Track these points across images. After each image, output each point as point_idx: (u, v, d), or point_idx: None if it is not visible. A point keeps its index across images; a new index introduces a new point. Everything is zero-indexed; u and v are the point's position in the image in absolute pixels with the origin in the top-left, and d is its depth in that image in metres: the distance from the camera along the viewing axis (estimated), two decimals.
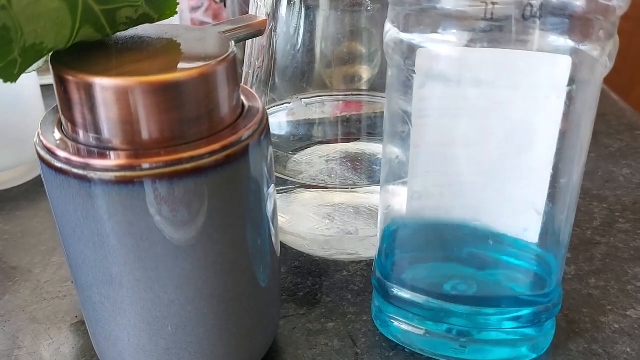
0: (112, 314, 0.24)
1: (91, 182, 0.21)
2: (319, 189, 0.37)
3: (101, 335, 0.26)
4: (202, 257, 0.23)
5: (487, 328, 0.28)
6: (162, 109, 0.21)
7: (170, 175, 0.21)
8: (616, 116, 0.57)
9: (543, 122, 0.26)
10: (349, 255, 0.37)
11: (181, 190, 0.21)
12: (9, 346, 0.30)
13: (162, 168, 0.21)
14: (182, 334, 0.24)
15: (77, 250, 0.23)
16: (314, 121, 0.39)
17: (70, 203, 0.22)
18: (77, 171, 0.21)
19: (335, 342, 0.31)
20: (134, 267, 0.23)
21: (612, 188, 0.45)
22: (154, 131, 0.21)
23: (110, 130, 0.21)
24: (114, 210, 0.22)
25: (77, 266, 0.24)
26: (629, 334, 0.31)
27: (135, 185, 0.21)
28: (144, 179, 0.21)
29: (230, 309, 0.25)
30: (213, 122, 0.22)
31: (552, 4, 0.23)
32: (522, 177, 0.27)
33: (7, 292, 0.34)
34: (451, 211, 0.29)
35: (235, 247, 0.24)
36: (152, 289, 0.23)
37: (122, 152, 0.21)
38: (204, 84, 0.22)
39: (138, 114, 0.21)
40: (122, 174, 0.21)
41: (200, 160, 0.21)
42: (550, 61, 0.24)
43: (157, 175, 0.21)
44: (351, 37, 0.38)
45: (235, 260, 0.24)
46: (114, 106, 0.21)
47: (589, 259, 0.37)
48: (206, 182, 0.22)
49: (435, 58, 0.25)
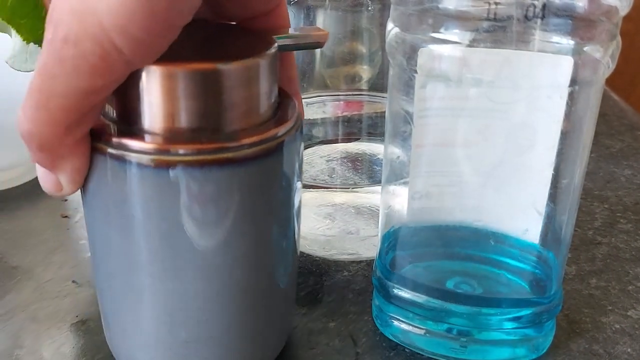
0: (134, 304, 0.24)
1: (127, 163, 0.21)
2: (320, 188, 0.37)
3: (118, 327, 0.26)
4: (231, 250, 0.23)
5: (487, 328, 0.28)
6: (201, 96, 0.21)
7: (205, 162, 0.21)
8: (617, 116, 0.57)
9: (544, 123, 0.26)
10: (350, 255, 0.36)
11: (215, 179, 0.22)
12: (9, 345, 0.30)
13: (198, 155, 0.21)
14: (203, 328, 0.24)
15: (104, 235, 0.24)
16: (315, 121, 0.39)
17: (103, 185, 0.22)
18: (114, 151, 0.22)
19: (336, 342, 0.31)
20: (163, 256, 0.23)
21: (614, 188, 0.45)
22: (192, 118, 0.22)
23: (151, 114, 0.22)
24: (147, 194, 0.22)
25: (102, 253, 0.24)
26: (629, 334, 0.31)
27: (170, 170, 0.21)
28: (178, 165, 0.21)
29: (253, 305, 0.25)
30: (251, 115, 0.23)
31: (555, 5, 0.23)
32: (524, 177, 0.27)
33: (8, 292, 0.34)
34: (452, 211, 0.29)
35: (263, 243, 0.24)
36: (179, 278, 0.23)
37: (160, 136, 0.22)
38: (245, 76, 0.22)
39: (178, 100, 0.21)
40: (158, 157, 0.21)
41: (238, 151, 0.22)
42: (552, 62, 0.24)
43: (193, 162, 0.21)
44: (352, 36, 0.38)
45: (262, 256, 0.24)
46: (155, 91, 0.21)
47: (590, 259, 0.37)
48: (241, 174, 0.22)
49: (437, 58, 0.25)
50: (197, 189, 0.22)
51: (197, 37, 0.24)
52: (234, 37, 0.25)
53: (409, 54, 0.26)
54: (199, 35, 0.24)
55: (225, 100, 0.22)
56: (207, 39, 0.24)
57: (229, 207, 0.22)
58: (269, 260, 0.25)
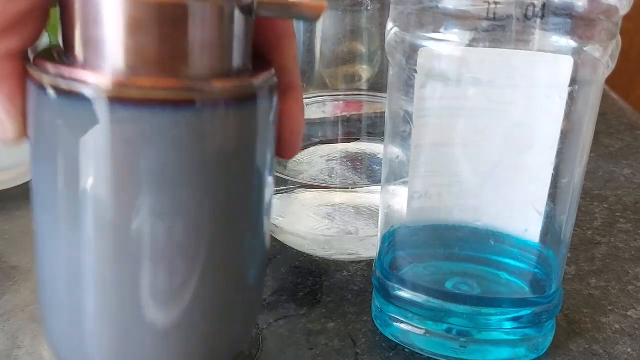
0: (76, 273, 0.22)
1: (76, 97, 0.19)
2: (320, 188, 0.37)
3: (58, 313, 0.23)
4: (187, 212, 0.21)
5: (487, 328, 0.28)
6: (167, 31, 0.19)
7: (167, 102, 0.19)
8: (616, 116, 0.57)
9: (544, 123, 0.26)
10: (349, 255, 0.36)
11: (178, 122, 0.20)
12: (8, 346, 0.30)
13: (161, 92, 0.19)
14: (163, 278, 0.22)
15: (49, 186, 0.21)
16: (315, 121, 0.39)
17: (47, 126, 0.20)
18: (61, 85, 0.20)
19: (336, 342, 0.31)
20: (113, 213, 0.20)
21: (613, 188, 0.45)
22: (156, 54, 0.20)
23: (108, 45, 0.20)
24: (99, 135, 0.20)
25: (45, 204, 0.22)
26: (629, 334, 0.31)
27: (127, 107, 0.19)
28: (137, 102, 0.19)
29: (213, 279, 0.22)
30: (221, 63, 0.21)
31: (554, 4, 0.23)
32: (523, 177, 0.27)
33: (7, 292, 0.34)
34: (452, 211, 0.29)
35: (226, 208, 0.22)
36: (129, 239, 0.21)
37: (118, 71, 0.20)
38: (214, 17, 0.20)
39: (142, 32, 0.19)
40: (114, 92, 0.19)
41: (205, 94, 0.20)
42: (552, 61, 0.24)
43: (153, 100, 0.19)
44: (351, 36, 0.38)
45: (221, 225, 0.22)
46: (116, 19, 0.19)
47: (589, 259, 0.37)
48: (206, 120, 0.20)
49: (437, 58, 0.25)
50: (157, 133, 0.20)
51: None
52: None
53: (409, 53, 0.25)
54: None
55: (191, 39, 0.20)
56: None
57: (191, 158, 0.20)
58: (231, 232, 0.22)
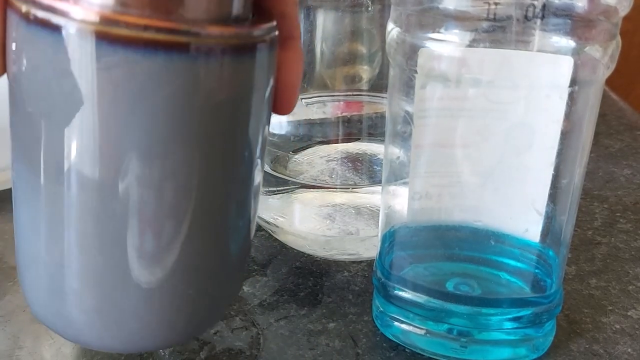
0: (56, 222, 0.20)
1: (58, 31, 0.18)
2: (320, 189, 0.37)
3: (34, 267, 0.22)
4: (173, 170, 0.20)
5: (487, 328, 0.28)
6: None
7: (159, 44, 0.18)
8: (616, 116, 0.57)
9: (544, 123, 0.26)
10: (350, 255, 0.36)
11: (170, 67, 0.18)
12: (9, 346, 0.30)
13: (151, 32, 0.18)
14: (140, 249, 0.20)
15: (28, 125, 0.20)
16: (315, 121, 0.39)
17: (27, 60, 0.19)
18: (42, 15, 0.18)
19: (336, 343, 0.31)
20: (92, 163, 0.19)
21: (613, 188, 0.45)
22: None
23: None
24: (82, 73, 0.18)
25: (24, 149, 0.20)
26: (630, 334, 0.31)
27: (114, 45, 0.18)
28: (126, 41, 0.18)
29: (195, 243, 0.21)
30: (219, 5, 0.19)
31: (554, 5, 0.23)
32: (523, 177, 0.27)
33: (8, 292, 0.34)
34: (452, 212, 0.29)
35: (217, 166, 0.21)
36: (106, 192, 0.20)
37: (107, 4, 0.18)
38: None
39: None
40: (101, 27, 0.18)
41: (201, 39, 0.18)
42: (552, 62, 0.24)
43: (143, 40, 0.18)
44: (352, 37, 0.38)
45: (211, 187, 0.21)
46: None
47: (589, 259, 0.37)
48: (200, 69, 0.19)
49: (437, 58, 0.25)
50: (147, 77, 0.18)
51: None
52: None
53: (409, 54, 0.26)
54: None
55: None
56: None
57: (182, 108, 0.19)
58: (221, 193, 0.21)
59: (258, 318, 0.32)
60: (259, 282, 0.35)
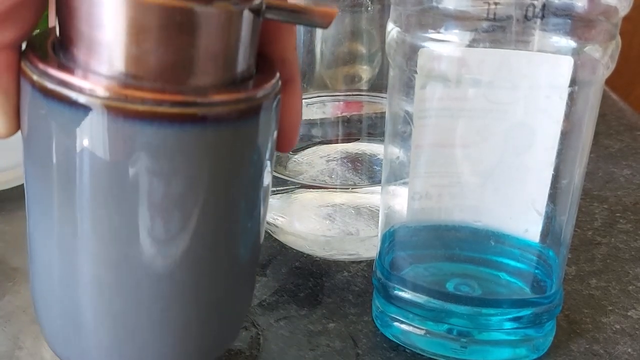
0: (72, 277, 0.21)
1: (73, 105, 0.19)
2: (320, 189, 0.37)
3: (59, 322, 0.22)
4: (186, 227, 0.21)
5: (487, 328, 0.28)
6: (172, 37, 0.18)
7: (168, 116, 0.19)
8: (616, 116, 0.57)
9: (544, 123, 0.26)
10: (350, 255, 0.36)
11: (178, 137, 0.19)
12: (9, 347, 0.30)
13: (161, 106, 0.18)
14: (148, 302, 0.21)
15: (42, 192, 0.21)
16: (315, 121, 0.39)
17: (43, 131, 0.20)
18: (58, 90, 0.19)
19: (337, 343, 0.31)
20: (109, 225, 0.20)
21: (613, 189, 0.45)
22: (158, 63, 0.19)
23: (109, 50, 0.19)
24: (95, 146, 0.19)
25: (39, 212, 0.21)
26: (630, 334, 0.31)
27: (125, 120, 0.18)
28: (136, 115, 0.18)
29: (208, 286, 0.22)
30: (224, 71, 0.20)
31: (554, 5, 0.23)
32: (523, 177, 0.27)
33: (8, 293, 0.34)
34: (452, 212, 0.29)
35: (226, 219, 0.22)
36: (125, 256, 0.20)
37: (118, 79, 0.19)
38: (221, 24, 0.19)
39: (144, 38, 0.18)
40: (113, 103, 0.18)
41: (208, 108, 0.19)
42: (552, 62, 0.24)
43: (154, 113, 0.18)
44: (352, 37, 0.38)
45: (223, 234, 0.22)
46: (118, 22, 0.18)
47: (589, 259, 0.37)
48: (209, 135, 0.19)
49: (437, 58, 0.25)
50: (156, 146, 0.19)
51: None
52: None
53: (409, 54, 0.26)
54: None
55: (198, 47, 0.19)
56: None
57: (189, 173, 0.20)
58: (231, 238, 0.22)
59: (258, 318, 0.32)
60: (258, 283, 0.35)
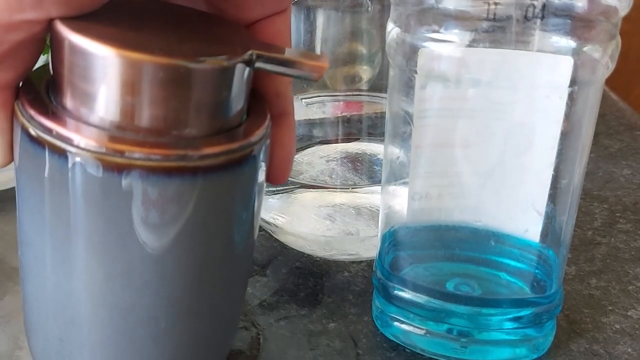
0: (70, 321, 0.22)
1: (69, 159, 0.19)
2: (320, 189, 0.37)
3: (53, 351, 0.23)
4: (177, 265, 0.21)
5: (487, 328, 0.28)
6: (168, 95, 0.19)
7: (163, 170, 0.19)
8: (616, 116, 0.57)
9: (544, 123, 0.26)
10: (350, 255, 0.36)
11: (172, 189, 0.19)
12: (10, 347, 0.30)
13: (156, 161, 0.19)
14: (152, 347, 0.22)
15: (37, 239, 0.21)
16: (315, 121, 0.39)
17: (38, 181, 0.20)
18: (54, 143, 0.19)
19: (337, 343, 0.31)
20: (104, 273, 0.20)
21: (613, 188, 0.45)
22: (152, 117, 0.19)
23: (105, 105, 0.19)
24: (91, 198, 0.19)
25: (33, 255, 0.22)
26: (630, 334, 0.31)
27: (121, 174, 0.19)
28: (132, 169, 0.19)
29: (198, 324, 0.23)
30: (216, 121, 0.20)
31: (554, 5, 0.23)
32: (523, 177, 0.27)
33: (8, 293, 0.34)
34: (452, 212, 0.29)
35: (218, 260, 0.22)
36: (120, 300, 0.21)
37: (112, 133, 0.19)
38: (212, 78, 0.20)
39: (137, 95, 0.19)
40: (109, 158, 0.19)
41: (201, 161, 0.19)
42: (551, 62, 0.24)
43: (150, 167, 0.19)
44: (352, 37, 0.38)
45: (215, 274, 0.22)
46: (112, 79, 0.18)
47: (589, 259, 0.37)
48: (201, 185, 0.20)
49: (437, 58, 0.25)
50: (151, 198, 0.19)
51: (173, 25, 0.21)
52: (212, 31, 0.22)
53: (409, 54, 0.26)
54: (175, 23, 0.21)
55: (190, 102, 0.19)
56: (184, 29, 0.21)
57: (184, 220, 0.20)
58: (222, 278, 0.23)
59: (258, 318, 0.32)
60: (258, 283, 0.35)
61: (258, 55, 0.21)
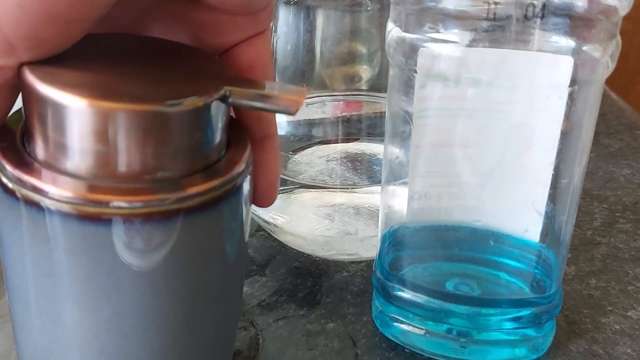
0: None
1: (46, 211, 0.18)
2: (319, 189, 0.37)
3: None
4: (164, 311, 0.21)
5: (487, 328, 0.28)
6: (143, 140, 0.18)
7: (144, 215, 0.18)
8: (616, 116, 0.57)
9: (544, 123, 0.26)
10: (349, 255, 0.36)
11: (153, 233, 0.19)
12: (8, 347, 0.30)
13: (136, 208, 0.18)
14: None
15: (22, 289, 0.21)
16: (314, 121, 0.39)
17: (17, 233, 0.19)
18: (30, 196, 0.18)
19: (336, 343, 0.31)
20: (88, 320, 0.20)
21: (613, 188, 0.45)
22: (127, 163, 0.19)
23: (80, 155, 0.18)
24: (70, 247, 0.19)
25: (20, 302, 0.21)
26: (629, 334, 0.31)
27: (100, 223, 0.18)
28: (111, 217, 0.18)
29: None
30: (195, 160, 0.20)
31: (554, 4, 0.23)
32: (523, 177, 0.27)
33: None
34: (451, 212, 0.29)
35: (205, 296, 0.22)
36: (106, 344, 0.21)
37: (89, 182, 0.18)
38: (188, 119, 0.19)
39: (110, 142, 0.18)
40: (87, 208, 0.18)
41: (182, 203, 0.19)
42: (551, 61, 0.24)
43: (130, 214, 0.18)
44: (351, 37, 0.38)
45: (200, 315, 0.22)
46: (84, 129, 0.18)
47: (589, 259, 0.37)
48: (182, 226, 0.19)
49: (437, 58, 0.25)
50: (134, 244, 0.19)
51: (145, 61, 0.21)
52: (185, 65, 0.21)
53: (409, 54, 0.25)
54: (147, 59, 0.21)
55: (165, 144, 0.19)
56: (156, 66, 0.21)
57: (171, 263, 0.20)
58: (208, 318, 0.22)
59: (257, 318, 0.32)
60: (257, 282, 0.35)
61: (231, 92, 0.20)
